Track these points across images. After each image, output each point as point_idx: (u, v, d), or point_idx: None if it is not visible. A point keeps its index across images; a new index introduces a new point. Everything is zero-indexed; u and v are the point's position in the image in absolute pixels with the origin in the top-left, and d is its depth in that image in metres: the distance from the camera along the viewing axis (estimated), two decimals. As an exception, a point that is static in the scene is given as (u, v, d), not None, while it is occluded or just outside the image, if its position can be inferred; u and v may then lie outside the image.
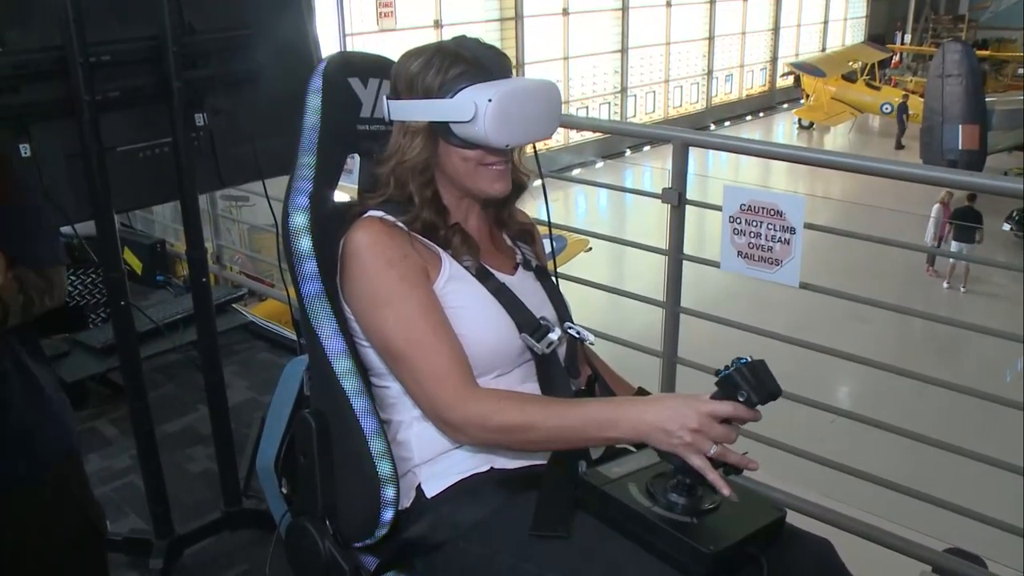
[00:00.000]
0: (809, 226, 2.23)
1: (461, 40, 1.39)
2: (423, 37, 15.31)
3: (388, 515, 1.34)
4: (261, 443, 1.60)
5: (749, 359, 1.17)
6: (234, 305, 3.15)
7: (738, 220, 2.30)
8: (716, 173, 15.91)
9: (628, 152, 19.54)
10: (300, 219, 1.35)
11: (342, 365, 1.35)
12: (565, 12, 18.23)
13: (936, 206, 12.83)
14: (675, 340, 2.63)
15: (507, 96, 1.32)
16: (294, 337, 3.63)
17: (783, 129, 23.98)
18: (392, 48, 1.83)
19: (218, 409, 2.29)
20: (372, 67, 1.47)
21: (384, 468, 1.33)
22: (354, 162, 1.54)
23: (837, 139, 21.89)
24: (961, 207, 12.73)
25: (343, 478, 1.39)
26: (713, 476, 1.16)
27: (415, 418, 1.38)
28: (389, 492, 1.33)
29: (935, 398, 2.85)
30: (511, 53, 16.91)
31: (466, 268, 1.40)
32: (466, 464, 1.35)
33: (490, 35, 16.65)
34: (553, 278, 1.58)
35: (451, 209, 1.43)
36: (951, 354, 8.76)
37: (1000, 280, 12.20)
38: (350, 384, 1.35)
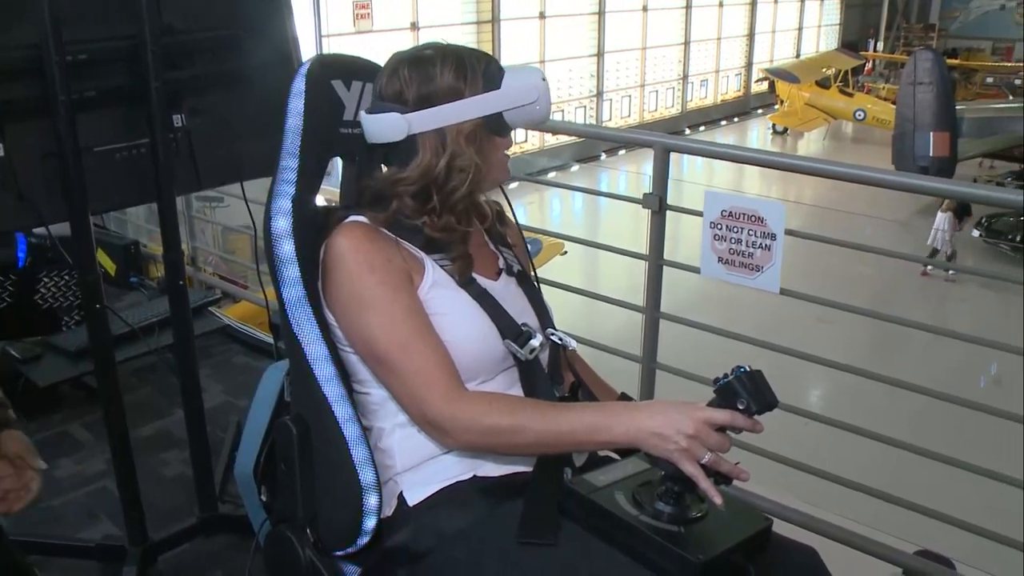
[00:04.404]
0: (790, 232, 2.24)
1: (444, 43, 1.41)
2: (400, 39, 15.30)
3: (370, 523, 1.33)
4: (239, 450, 1.58)
5: (748, 368, 1.17)
6: (210, 308, 3.11)
7: (719, 226, 2.30)
8: (690, 177, 16.00)
9: (603, 156, 19.59)
10: (282, 223, 1.33)
11: (324, 371, 1.34)
12: (542, 16, 18.23)
13: (945, 215, 12.99)
14: (654, 345, 2.63)
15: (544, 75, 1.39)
16: (270, 340, 3.63)
17: (757, 134, 24.11)
18: (369, 50, 1.83)
19: (194, 414, 2.25)
20: (355, 69, 1.46)
21: (367, 476, 1.32)
22: (333, 165, 1.53)
23: (811, 145, 22.04)
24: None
25: (324, 485, 1.37)
26: (706, 484, 1.16)
27: (397, 425, 1.37)
28: (371, 500, 1.32)
29: (908, 399, 2.88)
30: (487, 56, 16.83)
31: (449, 273, 1.39)
32: (449, 472, 1.35)
33: (467, 38, 16.61)
34: (535, 283, 1.57)
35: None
36: (928, 352, 8.77)
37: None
38: (332, 390, 1.33)
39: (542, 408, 1.29)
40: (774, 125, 22.42)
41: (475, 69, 1.36)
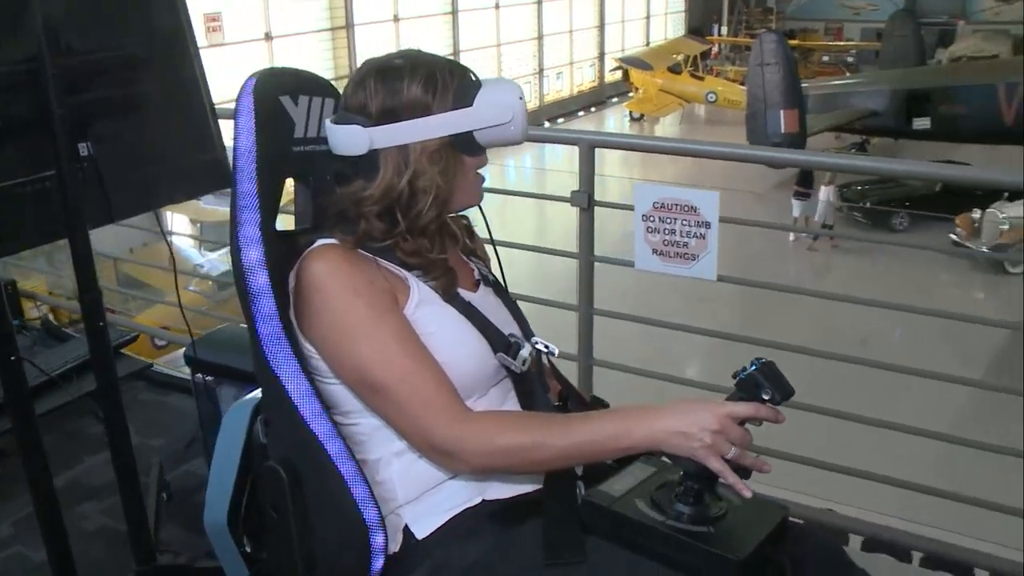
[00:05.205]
0: (724, 219, 2.25)
1: (420, 52, 1.33)
2: (254, 51, 14.84)
3: (379, 563, 1.25)
4: (207, 500, 1.46)
5: (763, 360, 1.15)
6: (123, 350, 2.90)
7: (651, 218, 2.30)
8: (552, 166, 16.35)
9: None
10: (254, 253, 1.23)
11: (310, 408, 1.25)
12: (396, 18, 18.13)
13: (829, 188, 13.91)
14: (590, 342, 2.61)
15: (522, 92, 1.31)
16: (178, 375, 3.43)
17: (615, 122, 24.69)
18: (223, 64, 1.77)
19: (124, 462, 2.09)
20: (301, 84, 1.37)
21: (370, 514, 1.24)
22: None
23: (667, 129, 22.70)
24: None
25: (323, 529, 1.28)
26: (734, 479, 1.14)
27: (394, 454, 1.29)
28: (378, 539, 1.24)
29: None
30: (343, 62, 16.66)
31: (433, 289, 1.32)
32: (456, 499, 1.28)
33: (322, 45, 16.36)
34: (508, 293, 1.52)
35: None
36: (819, 320, 9.10)
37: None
38: (321, 427, 1.25)
39: (554, 421, 1.25)
40: (631, 112, 23.02)
41: (446, 83, 1.28)
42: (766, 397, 1.14)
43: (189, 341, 2.34)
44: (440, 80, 1.28)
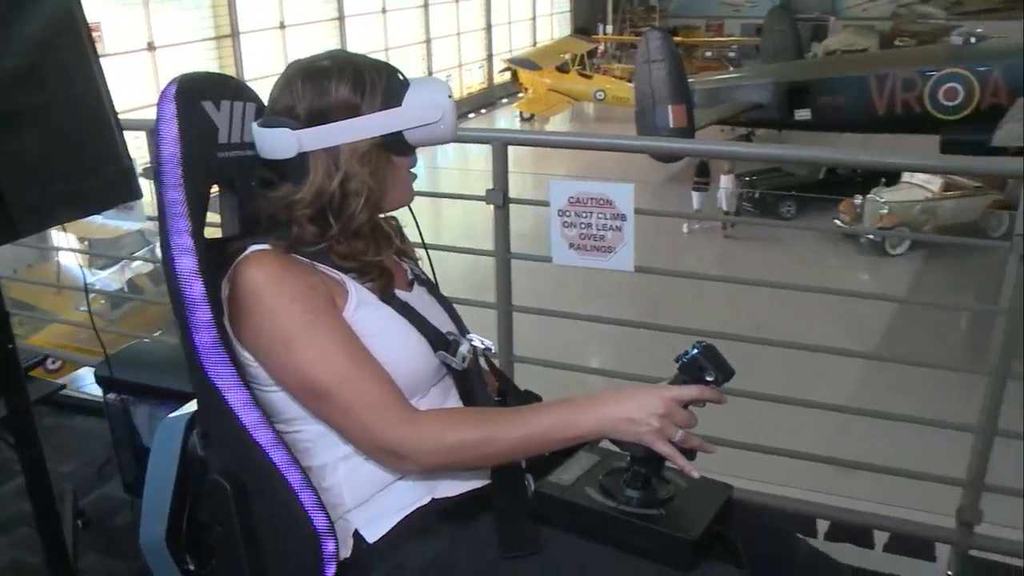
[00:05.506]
0: (639, 211, 2.30)
1: (346, 52, 1.32)
2: (137, 61, 14.38)
3: (330, 570, 1.23)
4: (143, 519, 1.42)
5: (704, 343, 1.18)
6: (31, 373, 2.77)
7: (567, 213, 2.33)
8: (443, 164, 16.67)
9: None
10: (187, 262, 1.20)
11: (250, 417, 1.22)
12: (282, 26, 17.83)
13: (729, 176, 14.47)
14: (510, 340, 2.63)
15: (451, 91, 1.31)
16: (80, 396, 3.30)
17: (505, 123, 24.81)
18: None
19: (40, 490, 2.00)
20: (222, 88, 1.34)
21: (319, 520, 1.22)
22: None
23: (558, 128, 22.90)
24: (698, 162, 14.85)
25: (271, 539, 1.26)
26: (682, 461, 1.17)
27: (340, 459, 1.28)
28: (329, 546, 1.22)
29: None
30: (230, 71, 16.30)
31: (369, 290, 1.32)
32: (405, 500, 1.27)
33: (207, 54, 15.97)
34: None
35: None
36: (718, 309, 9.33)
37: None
38: (263, 436, 1.23)
39: (500, 416, 1.26)
40: (521, 112, 23.17)
41: (375, 84, 1.27)
42: (710, 379, 1.17)
43: (89, 362, 2.25)
44: (368, 80, 1.27)
